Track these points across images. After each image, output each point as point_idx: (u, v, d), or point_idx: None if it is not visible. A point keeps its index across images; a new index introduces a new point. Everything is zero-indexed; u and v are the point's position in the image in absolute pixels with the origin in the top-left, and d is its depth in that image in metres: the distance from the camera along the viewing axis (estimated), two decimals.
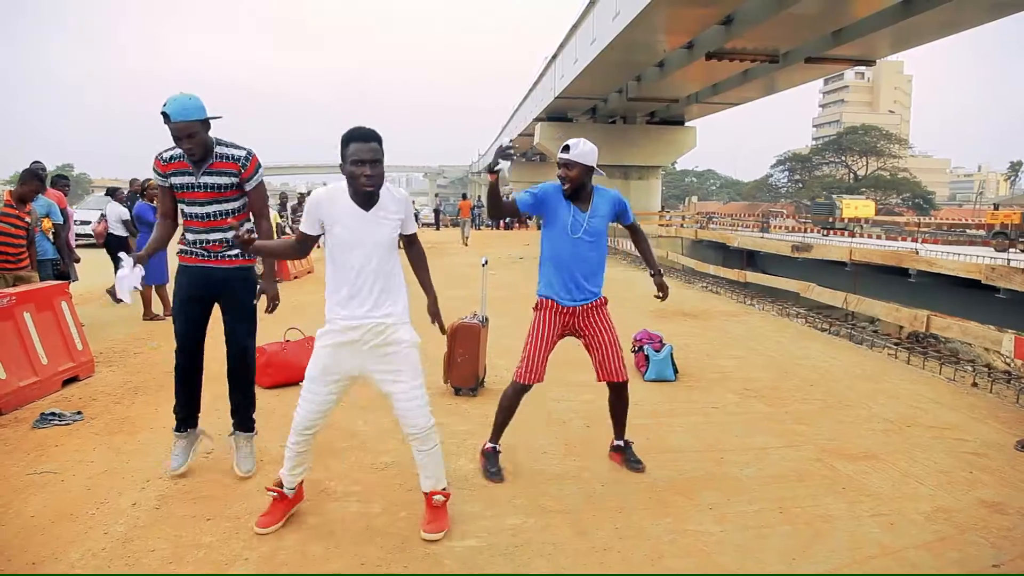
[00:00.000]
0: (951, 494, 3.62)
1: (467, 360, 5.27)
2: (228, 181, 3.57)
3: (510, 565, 2.86)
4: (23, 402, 4.91)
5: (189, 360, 3.75)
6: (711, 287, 12.79)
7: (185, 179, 3.54)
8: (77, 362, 5.62)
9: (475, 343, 5.29)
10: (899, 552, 3.01)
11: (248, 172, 3.61)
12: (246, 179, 3.62)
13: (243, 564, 2.85)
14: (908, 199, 64.04)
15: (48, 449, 4.13)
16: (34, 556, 2.89)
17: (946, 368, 6.34)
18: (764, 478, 3.81)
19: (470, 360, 5.28)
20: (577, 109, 34.07)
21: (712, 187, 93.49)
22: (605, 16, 21.23)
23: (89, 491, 3.55)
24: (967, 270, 7.14)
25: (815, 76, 28.05)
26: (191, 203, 3.57)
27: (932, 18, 16.91)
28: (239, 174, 3.58)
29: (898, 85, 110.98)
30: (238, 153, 3.58)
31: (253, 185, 3.67)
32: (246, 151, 3.61)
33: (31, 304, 5.29)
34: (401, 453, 4.06)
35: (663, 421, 4.79)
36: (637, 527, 3.22)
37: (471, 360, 5.28)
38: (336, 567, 2.84)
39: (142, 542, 3.02)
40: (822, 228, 34.20)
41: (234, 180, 3.58)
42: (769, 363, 6.54)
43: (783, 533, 3.18)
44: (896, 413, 5.00)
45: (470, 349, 5.27)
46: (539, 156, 53.90)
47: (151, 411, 4.88)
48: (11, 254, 6.04)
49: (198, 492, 3.54)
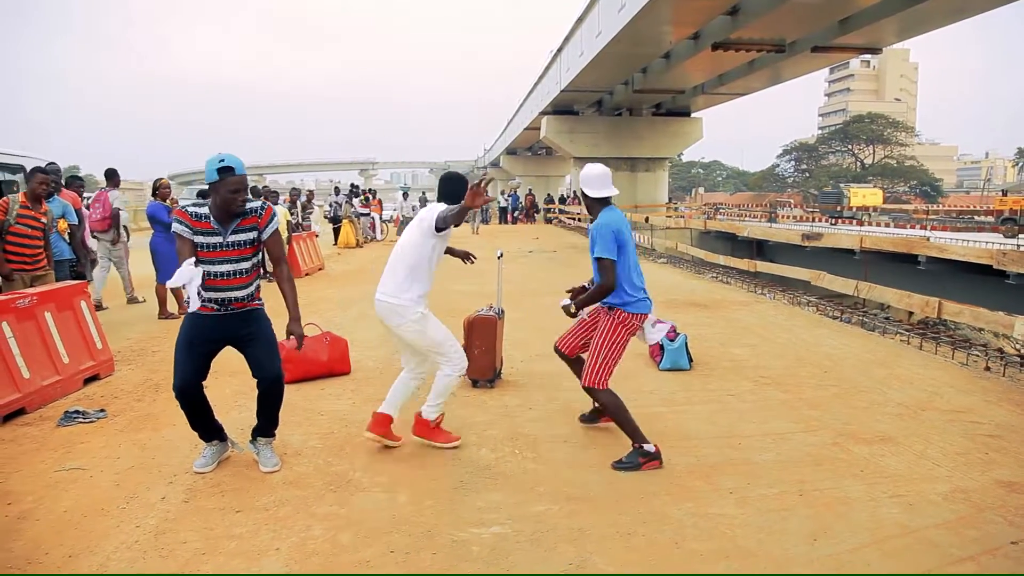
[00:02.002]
0: (968, 475, 3.65)
1: (484, 352, 5.31)
2: (250, 237, 3.66)
3: (537, 550, 2.91)
4: (46, 401, 4.99)
5: (191, 400, 3.75)
6: (721, 277, 12.80)
7: (213, 239, 3.58)
8: (97, 361, 5.70)
9: (492, 335, 5.33)
10: (919, 531, 3.05)
11: (264, 221, 3.69)
12: (263, 228, 3.69)
13: (275, 554, 2.91)
14: (916, 187, 63.78)
15: (75, 446, 4.20)
16: (70, 549, 2.96)
17: (959, 353, 6.36)
18: (782, 462, 3.86)
19: (487, 352, 5.32)
20: (583, 102, 34.04)
21: (719, 178, 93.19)
22: (611, 9, 21.22)
23: (118, 486, 3.61)
24: (978, 256, 7.12)
25: (821, 65, 27.97)
26: (217, 262, 3.59)
27: (939, 5, 16.87)
28: (257, 226, 3.67)
29: (904, 73, 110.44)
30: (255, 205, 3.68)
31: (269, 233, 3.73)
32: (260, 202, 3.73)
33: (52, 304, 5.36)
34: (421, 445, 4.13)
35: (680, 409, 4.83)
36: (660, 512, 3.26)
37: (488, 352, 5.32)
38: (365, 555, 2.89)
39: (174, 534, 3.08)
40: (829, 217, 34.09)
41: (254, 235, 3.66)
42: (782, 351, 6.56)
43: (803, 515, 3.22)
44: (910, 397, 5.03)
45: (487, 341, 5.32)
46: (545, 150, 53.85)
47: (173, 407, 4.86)
48: (28, 255, 6.12)
49: (226, 485, 3.60)
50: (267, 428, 3.89)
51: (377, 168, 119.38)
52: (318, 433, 4.37)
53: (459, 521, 3.18)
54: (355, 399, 5.06)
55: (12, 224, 6.03)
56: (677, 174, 77.82)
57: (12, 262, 6.02)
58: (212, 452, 3.87)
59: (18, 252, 6.05)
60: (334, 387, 5.38)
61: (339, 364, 5.78)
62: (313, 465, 3.87)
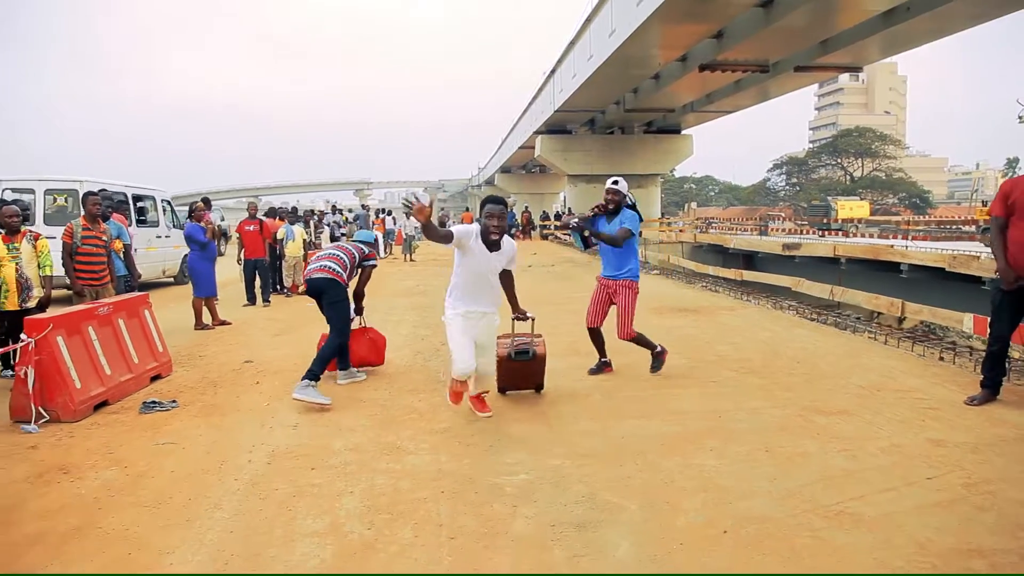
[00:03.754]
0: (904, 435, 4.47)
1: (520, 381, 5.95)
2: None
3: (556, 490, 3.72)
4: (124, 395, 5.78)
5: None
6: (710, 286, 13.65)
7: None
8: (160, 362, 6.49)
9: (526, 378, 5.94)
10: (857, 473, 3.87)
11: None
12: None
13: (350, 496, 3.70)
14: (905, 199, 64.92)
15: (160, 428, 4.99)
16: (188, 495, 3.75)
17: (917, 346, 7.20)
18: (754, 429, 4.67)
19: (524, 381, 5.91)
20: (576, 121, 34.98)
21: (711, 192, 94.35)
22: (601, 33, 22.20)
23: (209, 454, 4.41)
24: (934, 260, 8.01)
25: (807, 83, 28.91)
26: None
27: (916, 26, 17.73)
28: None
29: (893, 86, 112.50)
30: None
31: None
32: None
33: (123, 312, 6.17)
34: (455, 421, 4.94)
35: (669, 392, 5.64)
36: (653, 463, 4.08)
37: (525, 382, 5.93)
38: (422, 495, 3.69)
39: (266, 484, 3.88)
40: (817, 229, 35.00)
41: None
42: (762, 347, 7.39)
43: (767, 464, 4.04)
44: (868, 381, 5.86)
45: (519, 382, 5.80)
46: (539, 168, 54.87)
47: (234, 399, 5.74)
48: (96, 271, 6.94)
49: (299, 451, 4.40)
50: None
51: (372, 187, 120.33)
52: (366, 415, 5.17)
53: (493, 471, 3.99)
54: (391, 389, 5.86)
55: (79, 245, 6.85)
56: (670, 189, 78.89)
57: (81, 278, 6.84)
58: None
59: (86, 269, 6.87)
60: (371, 380, 6.18)
61: (376, 356, 6.63)
62: (366, 437, 4.66)
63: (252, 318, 10.35)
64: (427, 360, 7.02)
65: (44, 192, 12.27)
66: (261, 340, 8.41)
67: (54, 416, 5.08)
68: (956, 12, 16.84)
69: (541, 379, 5.59)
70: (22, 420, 5.00)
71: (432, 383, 6.01)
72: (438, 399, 5.39)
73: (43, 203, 12.24)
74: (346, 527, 3.34)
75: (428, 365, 6.80)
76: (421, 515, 3.46)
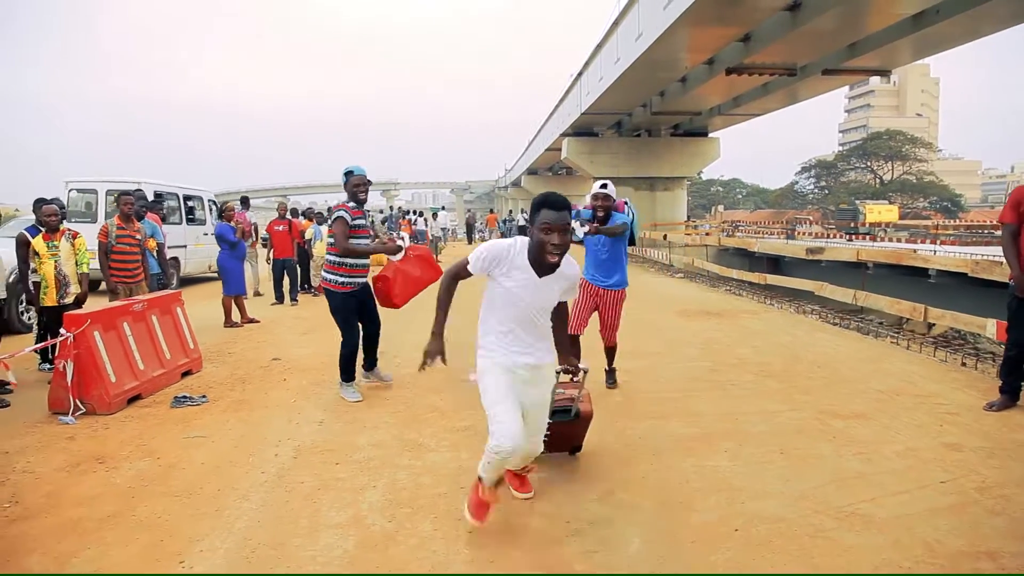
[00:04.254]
0: (920, 440, 4.50)
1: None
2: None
3: (574, 486, 3.82)
4: (156, 389, 5.97)
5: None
6: (734, 290, 13.66)
7: (363, 220, 5.65)
8: (190, 358, 6.68)
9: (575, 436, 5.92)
10: (870, 476, 3.91)
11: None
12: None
13: (372, 490, 3.83)
14: (936, 202, 63.98)
15: (191, 421, 5.16)
16: (217, 486, 3.90)
17: (940, 351, 7.18)
18: (770, 432, 4.72)
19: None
20: (603, 124, 34.93)
21: (739, 196, 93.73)
22: (628, 37, 22.20)
23: (237, 448, 4.56)
24: (956, 265, 7.97)
25: (836, 86, 28.62)
26: (362, 237, 5.61)
27: (947, 28, 17.47)
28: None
29: (925, 88, 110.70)
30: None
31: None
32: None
33: (156, 309, 6.37)
34: (476, 420, 5.03)
35: (689, 394, 5.71)
36: (668, 463, 4.16)
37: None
38: (442, 490, 3.81)
39: (292, 476, 4.02)
40: (845, 233, 34.66)
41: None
42: (782, 351, 7.41)
43: (781, 465, 4.10)
44: (888, 386, 5.88)
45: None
46: (566, 170, 54.92)
47: (262, 395, 5.90)
48: (130, 269, 7.16)
49: (324, 447, 4.54)
50: (374, 360, 6.11)
51: (399, 188, 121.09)
52: (389, 412, 5.30)
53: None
54: (414, 388, 5.98)
55: (114, 244, 7.07)
56: (697, 192, 78.58)
57: (116, 276, 7.06)
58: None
59: (121, 267, 7.09)
60: (395, 379, 6.30)
61: (431, 271, 5.89)
62: (389, 434, 4.79)
63: (280, 317, 10.57)
64: (450, 360, 7.11)
65: (105, 192, 12.86)
66: (288, 338, 8.59)
67: (90, 408, 5.28)
68: (990, 13, 16.56)
69: (580, 441, 4.33)
70: (60, 412, 5.21)
71: (453, 383, 6.12)
72: (460, 398, 5.50)
73: (104, 202, 12.86)
74: (368, 519, 3.47)
75: (450, 364, 6.88)
76: (441, 509, 3.58)
